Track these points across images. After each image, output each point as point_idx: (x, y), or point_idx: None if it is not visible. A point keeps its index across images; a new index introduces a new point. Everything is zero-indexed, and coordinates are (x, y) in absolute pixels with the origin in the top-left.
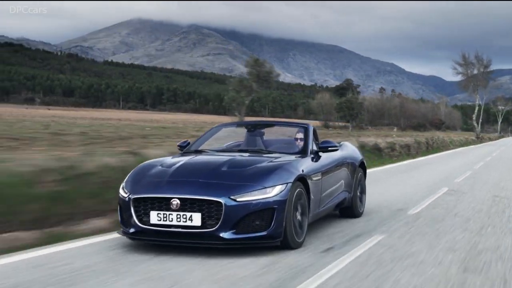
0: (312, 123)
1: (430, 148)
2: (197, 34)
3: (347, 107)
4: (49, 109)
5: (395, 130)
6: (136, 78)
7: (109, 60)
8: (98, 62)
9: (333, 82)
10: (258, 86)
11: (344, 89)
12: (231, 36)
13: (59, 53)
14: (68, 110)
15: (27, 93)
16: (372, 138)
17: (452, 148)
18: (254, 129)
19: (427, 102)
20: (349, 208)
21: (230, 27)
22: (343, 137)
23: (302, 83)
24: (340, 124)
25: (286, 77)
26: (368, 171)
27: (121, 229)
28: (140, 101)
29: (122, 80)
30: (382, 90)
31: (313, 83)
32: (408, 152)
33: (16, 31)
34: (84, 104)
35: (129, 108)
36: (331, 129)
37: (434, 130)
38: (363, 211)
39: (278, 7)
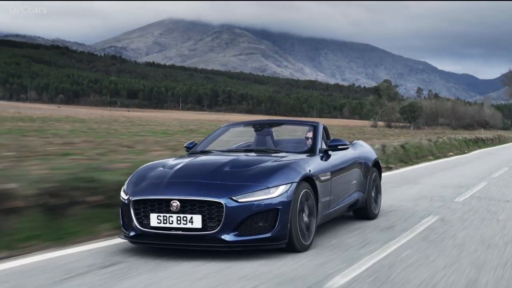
0: (377, 124)
1: (499, 141)
2: (229, 34)
3: (409, 110)
4: (128, 111)
5: (482, 130)
6: (179, 79)
7: (151, 61)
8: (140, 63)
9: (365, 81)
10: (388, 101)
11: (382, 90)
12: (263, 36)
13: (102, 55)
14: (144, 111)
15: (94, 96)
16: (466, 134)
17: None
18: (262, 128)
19: (473, 104)
20: (363, 209)
21: (261, 27)
22: (441, 134)
23: (340, 84)
24: (400, 124)
25: (318, 76)
26: (487, 149)
27: (122, 233)
28: (197, 103)
29: (169, 81)
30: (419, 90)
31: (350, 83)
32: (492, 142)
33: (51, 32)
34: (147, 105)
35: (188, 109)
36: (393, 128)
37: (481, 129)
38: (378, 212)
39: (308, 5)
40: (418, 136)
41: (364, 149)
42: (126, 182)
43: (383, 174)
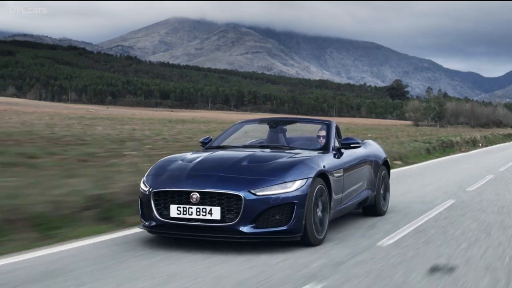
0: (405, 123)
1: None
2: (235, 33)
3: (423, 109)
4: (172, 111)
5: (510, 128)
6: (194, 79)
7: (165, 62)
8: (154, 63)
9: (370, 79)
10: (438, 108)
11: (394, 89)
12: (268, 34)
13: (118, 56)
14: (182, 111)
15: (130, 97)
16: (502, 131)
17: None
18: (276, 125)
19: (488, 105)
20: (372, 207)
21: (266, 25)
22: (479, 132)
23: (351, 83)
24: (426, 123)
25: (324, 75)
26: None
27: (141, 223)
28: (225, 103)
29: (184, 81)
30: (429, 89)
31: (357, 82)
32: None
33: (57, 31)
34: (179, 105)
35: (217, 109)
36: (419, 126)
37: (496, 128)
38: (386, 209)
39: (313, 4)
40: (467, 132)
41: (374, 148)
42: (146, 175)
43: (502, 145)
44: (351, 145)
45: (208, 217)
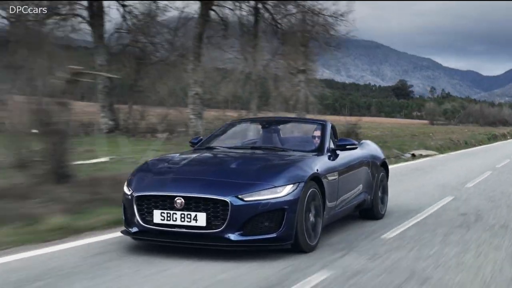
0: (422, 122)
1: None
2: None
3: (451, 111)
4: None
5: None
6: None
7: None
8: None
9: (370, 78)
10: (463, 110)
11: (398, 89)
12: None
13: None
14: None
15: None
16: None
17: None
18: (269, 125)
19: (494, 105)
20: (369, 210)
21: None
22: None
23: (356, 83)
24: (440, 122)
25: (324, 73)
26: None
27: (124, 228)
28: (244, 104)
29: None
30: (432, 89)
31: (357, 81)
32: None
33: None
34: None
35: (235, 109)
36: (435, 125)
37: (502, 126)
38: (385, 212)
39: (313, 2)
40: (482, 130)
41: (371, 148)
42: (129, 177)
43: None
44: (347, 147)
45: (193, 223)
